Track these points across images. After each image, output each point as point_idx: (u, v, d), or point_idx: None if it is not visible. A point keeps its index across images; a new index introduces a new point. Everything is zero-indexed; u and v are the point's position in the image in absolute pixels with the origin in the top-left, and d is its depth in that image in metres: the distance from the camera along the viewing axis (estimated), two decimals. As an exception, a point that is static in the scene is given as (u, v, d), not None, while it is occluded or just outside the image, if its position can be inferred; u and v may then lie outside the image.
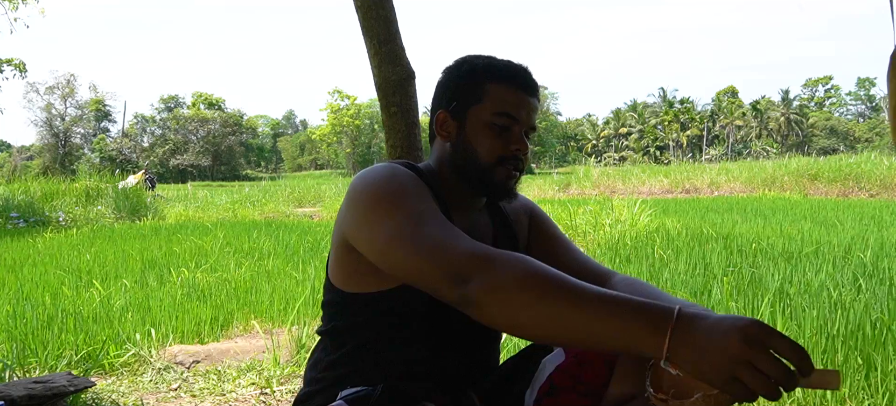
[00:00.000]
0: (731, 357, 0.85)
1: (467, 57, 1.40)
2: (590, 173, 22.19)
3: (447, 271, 1.04)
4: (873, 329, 3.35)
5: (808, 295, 4.35)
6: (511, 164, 1.33)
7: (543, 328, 0.99)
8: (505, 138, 1.32)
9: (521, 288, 0.99)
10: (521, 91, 1.34)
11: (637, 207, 8.12)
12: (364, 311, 1.29)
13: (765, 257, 5.91)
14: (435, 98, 1.40)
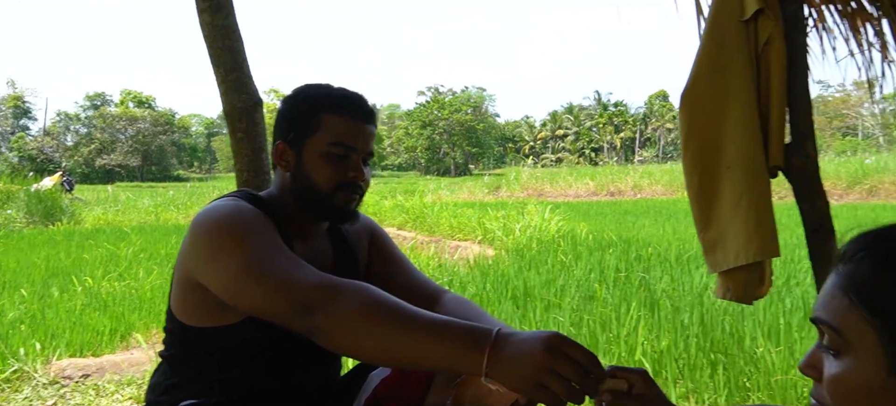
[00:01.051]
0: (537, 365, 0.98)
1: (303, 87, 1.43)
2: (519, 176, 22.62)
3: (294, 303, 1.10)
4: (723, 332, 3.67)
5: (690, 295, 4.68)
6: (350, 190, 1.37)
7: (384, 353, 1.09)
8: (342, 167, 1.35)
9: (364, 316, 1.07)
10: (356, 120, 1.37)
11: (548, 212, 8.41)
12: (205, 342, 1.33)
13: (659, 261, 6.27)
14: (274, 128, 1.42)
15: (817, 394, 0.77)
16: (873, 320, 0.69)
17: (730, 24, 1.86)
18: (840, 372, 0.72)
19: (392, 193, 16.46)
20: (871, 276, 0.71)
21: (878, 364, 0.70)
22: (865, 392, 0.71)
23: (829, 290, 0.75)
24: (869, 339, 0.70)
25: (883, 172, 18.56)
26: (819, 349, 0.76)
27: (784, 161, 1.90)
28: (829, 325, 0.73)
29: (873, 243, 0.73)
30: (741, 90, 1.85)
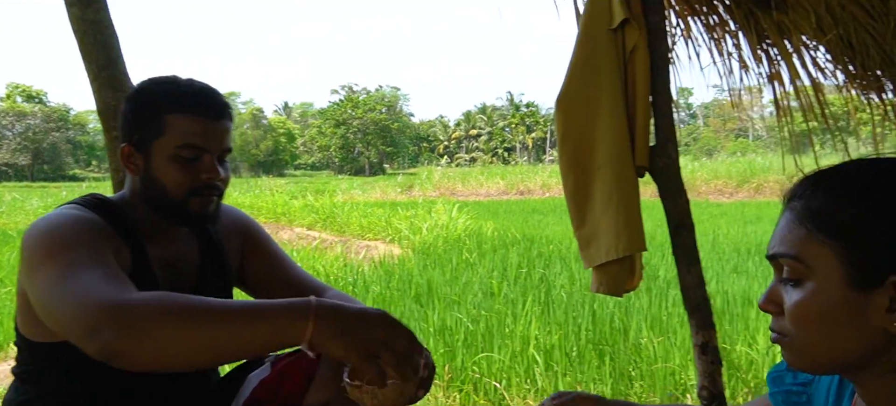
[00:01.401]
0: (370, 336, 0.99)
1: (145, 84, 1.33)
2: (432, 175, 22.78)
3: (83, 325, 1.01)
4: (611, 326, 3.85)
5: (586, 291, 4.87)
6: (204, 194, 1.30)
7: (201, 353, 1.02)
8: (193, 170, 1.28)
9: (160, 323, 0.99)
10: (205, 118, 1.28)
11: (456, 211, 8.52)
12: (51, 358, 1.27)
13: (559, 258, 6.49)
14: (119, 129, 1.34)
15: (778, 326, 0.83)
16: (831, 242, 0.76)
17: (599, 32, 1.97)
18: (802, 298, 0.78)
19: (302, 193, 16.18)
20: (826, 204, 0.78)
21: (837, 282, 0.76)
22: (827, 310, 0.77)
23: (785, 227, 0.82)
24: (828, 261, 0.77)
25: (769, 172, 19.91)
26: (777, 285, 0.83)
27: (649, 162, 2.02)
28: (788, 256, 0.79)
29: (822, 179, 0.81)
30: (610, 95, 1.96)
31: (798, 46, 2.22)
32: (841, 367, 0.81)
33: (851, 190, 0.78)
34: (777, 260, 0.82)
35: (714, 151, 42.45)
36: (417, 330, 3.77)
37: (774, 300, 0.83)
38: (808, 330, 0.79)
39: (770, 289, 0.84)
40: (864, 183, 0.78)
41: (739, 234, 9.17)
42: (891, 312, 0.74)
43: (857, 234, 0.76)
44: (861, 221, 0.76)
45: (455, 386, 3.22)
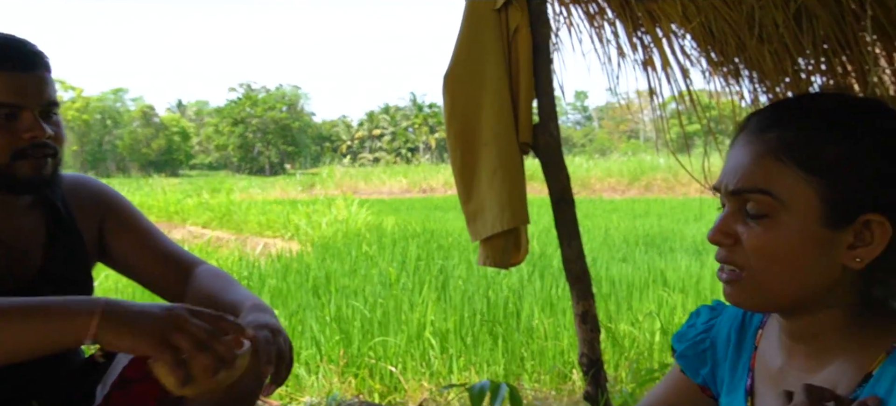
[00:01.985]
0: (162, 320, 0.99)
1: None
2: (333, 174, 22.53)
3: None
4: (505, 309, 3.97)
5: (483, 279, 4.98)
6: (34, 155, 1.21)
7: None
8: (12, 130, 1.19)
9: None
10: (17, 71, 1.19)
11: (355, 207, 8.49)
12: None
13: (458, 249, 6.60)
14: None
15: (731, 260, 0.79)
16: (813, 179, 0.75)
17: (484, 12, 2.04)
18: (771, 233, 0.76)
19: (197, 192, 15.56)
20: (809, 140, 0.76)
21: (812, 218, 0.75)
22: (798, 246, 0.75)
23: (753, 160, 0.78)
24: (806, 197, 0.75)
25: (657, 170, 21.06)
26: (729, 217, 0.79)
27: (532, 139, 2.11)
28: (760, 191, 0.76)
29: (797, 112, 0.79)
30: (494, 74, 2.03)
31: (668, 33, 2.38)
32: (795, 303, 0.80)
33: (836, 127, 0.76)
34: (743, 195, 0.78)
35: (608, 151, 44.40)
36: (313, 319, 3.73)
37: (728, 233, 0.80)
38: (774, 265, 0.77)
39: (721, 221, 0.80)
40: (847, 121, 0.77)
41: (629, 228, 9.64)
42: (852, 249, 0.75)
43: (840, 173, 0.75)
44: (845, 160, 0.75)
45: (350, 371, 3.21)
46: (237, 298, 1.35)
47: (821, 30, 1.92)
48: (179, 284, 1.44)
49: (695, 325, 1.01)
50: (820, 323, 0.79)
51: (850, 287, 0.77)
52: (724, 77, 2.44)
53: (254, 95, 63.79)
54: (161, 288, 1.48)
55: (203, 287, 1.42)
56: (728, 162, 0.83)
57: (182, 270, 1.45)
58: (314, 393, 3.00)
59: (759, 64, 2.20)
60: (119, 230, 1.46)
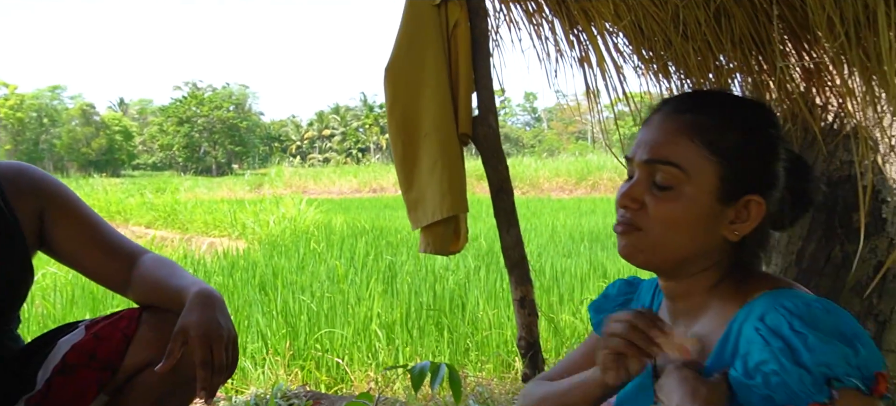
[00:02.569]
0: None
1: None
2: (282, 173, 22.26)
3: None
4: (451, 301, 4.05)
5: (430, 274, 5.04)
6: None
7: None
8: None
9: None
10: None
11: (303, 206, 8.45)
12: None
13: (406, 246, 6.65)
14: None
15: (633, 220, 0.90)
16: (715, 159, 0.88)
17: (424, 7, 2.10)
18: (675, 202, 0.88)
19: (141, 192, 15.17)
20: (715, 126, 0.89)
21: (709, 193, 0.88)
22: (695, 215, 0.88)
23: (666, 136, 0.90)
24: (708, 174, 0.88)
25: (603, 170, 21.54)
26: (638, 184, 0.91)
27: (471, 131, 2.18)
28: (672, 163, 0.88)
29: (708, 101, 0.93)
30: (434, 67, 2.10)
31: (601, 31, 2.48)
32: (679, 265, 0.91)
33: (737, 119, 0.91)
34: (655, 165, 0.90)
35: (556, 152, 45.09)
36: (260, 314, 3.73)
37: (636, 198, 0.91)
38: (672, 229, 0.89)
39: (632, 186, 0.91)
40: (746, 116, 0.92)
41: (574, 225, 9.86)
42: (732, 223, 0.89)
43: (736, 157, 0.88)
44: (741, 147, 0.89)
45: (296, 363, 3.24)
46: (182, 284, 1.37)
47: (737, 29, 2.05)
48: (124, 274, 1.45)
49: (610, 296, 1.13)
50: (695, 284, 0.92)
51: (724, 255, 0.91)
52: (654, 74, 2.57)
53: (200, 94, 62.40)
54: (105, 277, 1.49)
55: (148, 276, 1.43)
56: (642, 135, 0.94)
57: (126, 260, 1.46)
58: (260, 384, 3.01)
59: (685, 60, 2.33)
60: (61, 219, 1.44)
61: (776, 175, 0.91)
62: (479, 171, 2.25)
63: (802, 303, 0.82)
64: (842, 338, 0.78)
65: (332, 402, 2.72)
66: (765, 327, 0.81)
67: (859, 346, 0.78)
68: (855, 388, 0.76)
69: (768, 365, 0.78)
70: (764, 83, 2.15)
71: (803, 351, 0.77)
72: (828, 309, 0.82)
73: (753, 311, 0.85)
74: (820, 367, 0.76)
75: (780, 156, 0.92)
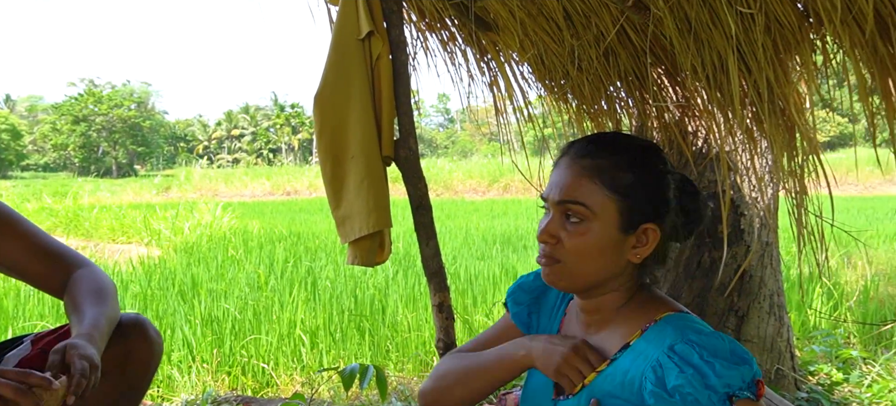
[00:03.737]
0: None
1: None
2: (191, 176, 21.61)
3: None
4: (372, 306, 4.25)
5: (351, 280, 5.21)
6: None
7: None
8: None
9: None
10: None
11: (220, 211, 8.38)
12: None
13: (325, 252, 6.77)
14: None
15: (552, 253, 1.06)
16: (615, 197, 1.04)
17: (350, 40, 2.30)
18: (585, 236, 1.04)
19: (37, 196, 14.39)
20: (611, 167, 1.05)
21: (612, 225, 1.04)
22: (602, 245, 1.04)
23: (575, 179, 1.05)
24: (610, 210, 1.04)
25: (514, 172, 22.18)
26: (552, 222, 1.06)
27: (394, 152, 2.41)
28: (580, 203, 1.04)
29: (604, 144, 1.09)
30: (360, 95, 2.31)
31: (509, 60, 2.77)
32: (591, 286, 1.09)
33: (630, 159, 1.07)
34: (566, 205, 1.06)
35: (469, 153, 45.82)
36: (184, 322, 3.80)
37: (553, 234, 1.06)
38: (585, 258, 1.05)
39: (548, 224, 1.07)
40: (637, 157, 1.08)
41: (487, 228, 10.24)
42: (634, 248, 1.07)
43: (631, 194, 1.05)
44: (635, 185, 1.05)
45: (223, 370, 3.35)
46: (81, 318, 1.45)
47: (622, 65, 2.39)
48: (61, 283, 1.54)
49: (524, 286, 1.31)
50: (605, 302, 1.11)
51: (629, 276, 1.11)
52: (555, 100, 2.88)
53: (98, 92, 59.19)
54: (44, 284, 1.58)
55: (70, 295, 1.52)
56: (554, 178, 1.11)
57: (64, 269, 1.54)
58: (188, 391, 3.12)
59: (581, 90, 2.65)
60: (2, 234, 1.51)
61: (667, 202, 1.08)
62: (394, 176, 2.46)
63: (704, 336, 1.01)
64: (738, 360, 0.98)
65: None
66: (677, 357, 0.99)
67: (746, 363, 0.98)
68: (747, 398, 0.97)
69: (685, 388, 0.97)
70: (646, 112, 2.50)
71: (712, 376, 0.96)
72: (721, 338, 1.02)
73: (661, 336, 1.03)
74: (724, 386, 0.96)
75: (669, 185, 1.09)
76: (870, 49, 1.69)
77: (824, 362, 3.00)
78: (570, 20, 2.40)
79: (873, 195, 15.70)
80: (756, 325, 2.58)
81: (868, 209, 11.36)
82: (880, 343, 3.67)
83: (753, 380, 0.98)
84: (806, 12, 1.87)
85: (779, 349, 2.63)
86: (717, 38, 1.96)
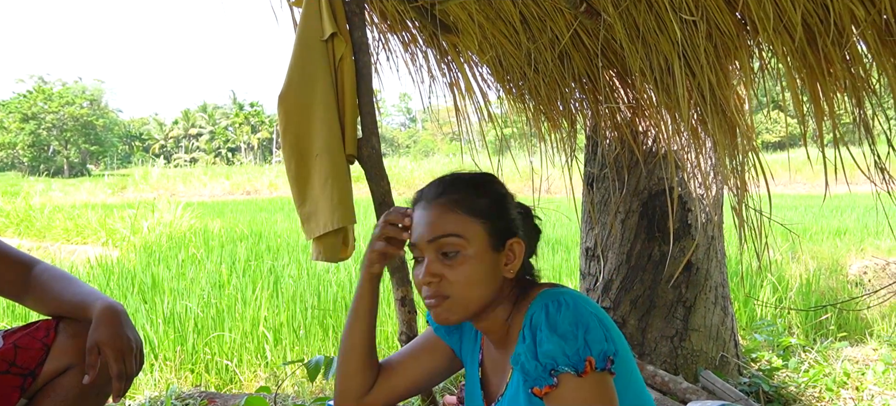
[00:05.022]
0: None
1: None
2: (148, 176, 21.20)
3: None
4: (335, 303, 4.30)
5: (313, 278, 5.24)
6: None
7: None
8: None
9: None
10: None
11: (180, 210, 8.29)
12: None
13: (288, 250, 6.77)
14: None
15: (437, 292, 1.10)
16: (479, 220, 1.12)
17: (314, 42, 2.36)
18: (464, 264, 1.10)
19: (-15, 196, 13.95)
20: (467, 196, 1.12)
21: (485, 247, 1.11)
22: (481, 268, 1.10)
23: (438, 217, 1.11)
24: (479, 233, 1.11)
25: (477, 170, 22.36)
26: (433, 264, 1.11)
27: (357, 151, 2.47)
28: (454, 234, 1.10)
29: (453, 181, 1.16)
30: (324, 95, 2.37)
31: (469, 62, 2.87)
32: (480, 310, 1.14)
33: (477, 187, 1.16)
34: (440, 240, 1.11)
35: (431, 152, 45.90)
36: (146, 321, 3.79)
37: (435, 273, 1.11)
38: (471, 285, 1.11)
39: (428, 265, 1.11)
40: (481, 183, 1.18)
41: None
42: (506, 264, 1.14)
43: (491, 215, 1.14)
44: (491, 207, 1.14)
45: (186, 367, 3.37)
46: (85, 298, 1.52)
47: (577, 68, 2.50)
48: (20, 283, 1.57)
49: None
50: (496, 319, 1.18)
51: (508, 291, 1.19)
52: (513, 101, 2.99)
53: (48, 89, 57.44)
54: (2, 288, 1.59)
55: (48, 287, 1.56)
56: (416, 226, 1.16)
57: (20, 271, 1.57)
58: (152, 389, 3.13)
59: (538, 91, 2.76)
60: None
61: (516, 218, 1.19)
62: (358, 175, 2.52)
63: (557, 306, 1.06)
64: (568, 335, 1.02)
65: (226, 401, 2.91)
66: (528, 325, 1.06)
67: (574, 339, 1.02)
68: (566, 372, 1.01)
69: (520, 356, 1.05)
70: (599, 113, 2.62)
71: (540, 346, 1.02)
72: (573, 309, 1.05)
73: (531, 310, 1.09)
74: (545, 358, 1.02)
75: (513, 204, 1.20)
76: (799, 55, 1.83)
77: (766, 350, 3.18)
78: (527, 24, 2.51)
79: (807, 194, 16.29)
80: (703, 316, 2.73)
81: (814, 206, 11.82)
82: (819, 332, 3.88)
83: (582, 357, 1.02)
84: (744, 20, 2.01)
85: (723, 338, 2.78)
86: (664, 43, 2.08)
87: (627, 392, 1.10)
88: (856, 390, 2.80)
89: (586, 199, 2.92)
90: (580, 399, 1.02)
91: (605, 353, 1.04)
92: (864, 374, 2.96)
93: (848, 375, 2.88)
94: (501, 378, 1.21)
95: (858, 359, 3.30)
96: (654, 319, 2.69)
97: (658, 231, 2.67)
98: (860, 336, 3.88)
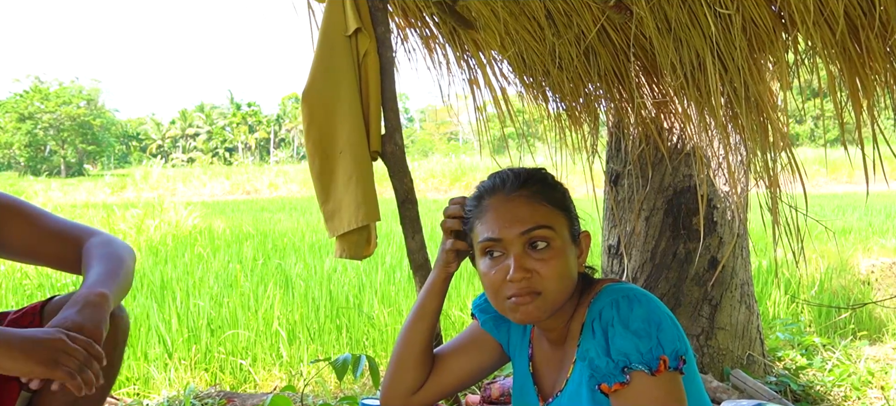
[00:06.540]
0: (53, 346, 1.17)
1: None
2: (148, 175, 21.15)
3: None
4: (347, 302, 4.27)
5: (322, 276, 5.20)
6: None
7: None
8: None
9: None
10: None
11: (185, 211, 8.26)
12: None
13: (294, 250, 6.74)
14: None
15: (530, 287, 1.05)
16: (560, 212, 1.11)
17: (337, 38, 2.33)
18: (556, 257, 1.07)
19: (-16, 196, 13.85)
20: (546, 189, 1.11)
21: (568, 239, 1.10)
22: (568, 260, 1.08)
23: (526, 208, 1.08)
24: (563, 224, 1.10)
25: (475, 171, 22.34)
26: (522, 258, 1.06)
27: (380, 147, 2.44)
28: (545, 226, 1.07)
29: (527, 175, 1.13)
30: (348, 91, 2.34)
31: (489, 59, 2.83)
32: (560, 307, 1.10)
33: (546, 180, 1.15)
34: (532, 232, 1.07)
35: (429, 152, 45.92)
36: (159, 320, 3.76)
37: (526, 268, 1.06)
38: (562, 279, 1.08)
39: (517, 260, 1.06)
40: (547, 176, 1.16)
41: (452, 224, 10.31)
42: (579, 257, 1.14)
43: (567, 206, 1.13)
44: (563, 198, 1.14)
45: (201, 366, 3.33)
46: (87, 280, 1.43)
47: (602, 64, 2.47)
48: (77, 258, 1.51)
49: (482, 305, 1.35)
50: (561, 315, 1.14)
51: (577, 286, 1.16)
52: (534, 97, 2.96)
53: (45, 89, 57.26)
54: (61, 264, 1.57)
55: (84, 265, 1.49)
56: (499, 219, 1.09)
57: (77, 244, 1.51)
58: (168, 388, 3.09)
59: (560, 87, 2.73)
60: (9, 220, 1.50)
61: None
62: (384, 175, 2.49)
63: (628, 301, 1.03)
64: (642, 333, 1.00)
65: (244, 401, 2.87)
66: (597, 320, 1.04)
67: (648, 337, 0.99)
68: (639, 370, 0.99)
69: (590, 352, 1.04)
70: (624, 109, 2.59)
71: (612, 344, 1.01)
72: (644, 306, 1.02)
73: (596, 305, 1.07)
74: (618, 356, 1.00)
75: None
76: (839, 48, 1.80)
77: (788, 348, 3.15)
78: (552, 19, 2.48)
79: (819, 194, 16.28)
80: (729, 314, 2.70)
81: (816, 206, 11.80)
82: (836, 331, 3.86)
83: (656, 356, 0.99)
84: (780, 14, 1.98)
85: (750, 336, 2.75)
86: (696, 38, 2.06)
87: (690, 393, 1.08)
88: (881, 390, 2.78)
89: (609, 197, 2.90)
90: (652, 398, 0.99)
91: (677, 352, 1.02)
92: (887, 373, 2.94)
93: (872, 374, 2.86)
94: (557, 374, 1.18)
95: (879, 358, 3.29)
96: (680, 318, 2.67)
97: (683, 228, 2.65)
98: (876, 335, 3.87)
